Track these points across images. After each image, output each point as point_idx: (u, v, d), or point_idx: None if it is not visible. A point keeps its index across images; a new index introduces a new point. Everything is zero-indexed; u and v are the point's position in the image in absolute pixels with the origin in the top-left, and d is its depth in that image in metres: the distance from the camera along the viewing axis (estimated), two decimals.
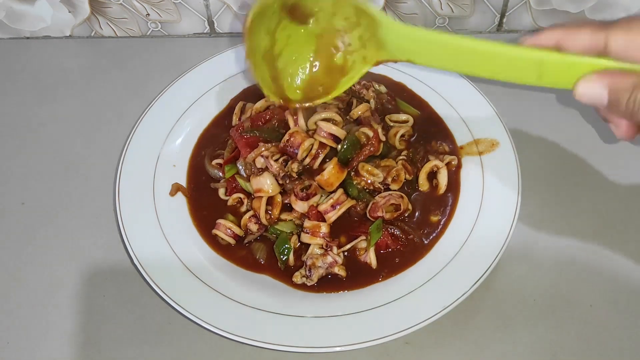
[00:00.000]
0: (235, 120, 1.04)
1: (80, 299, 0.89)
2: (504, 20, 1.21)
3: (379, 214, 0.89)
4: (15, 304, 0.89)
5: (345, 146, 0.89)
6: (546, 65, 0.61)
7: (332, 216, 0.88)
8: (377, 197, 0.90)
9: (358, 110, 0.96)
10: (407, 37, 0.70)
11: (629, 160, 1.01)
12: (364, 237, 0.87)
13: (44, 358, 0.83)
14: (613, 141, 1.04)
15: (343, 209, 0.88)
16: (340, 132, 0.91)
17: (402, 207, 0.90)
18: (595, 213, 0.95)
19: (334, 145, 0.91)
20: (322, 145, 0.90)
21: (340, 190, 0.89)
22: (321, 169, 0.90)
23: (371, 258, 0.86)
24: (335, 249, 0.86)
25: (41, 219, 0.98)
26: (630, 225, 0.93)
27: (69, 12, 1.22)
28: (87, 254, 0.93)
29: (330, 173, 0.87)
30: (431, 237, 0.89)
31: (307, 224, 0.87)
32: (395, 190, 0.91)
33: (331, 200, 0.88)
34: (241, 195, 0.94)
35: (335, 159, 0.88)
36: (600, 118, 0.66)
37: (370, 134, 0.92)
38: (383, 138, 0.95)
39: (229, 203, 0.95)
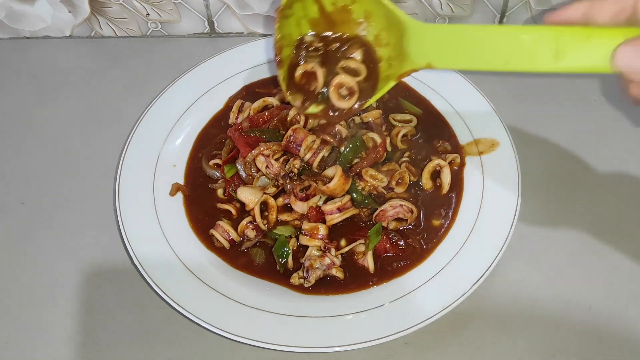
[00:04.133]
0: (232, 118, 1.04)
1: (80, 299, 0.89)
2: (504, 20, 1.21)
3: (384, 223, 0.89)
4: (15, 304, 0.89)
5: (349, 147, 0.89)
6: (564, 39, 0.58)
7: (335, 219, 0.87)
8: (386, 205, 0.89)
9: (370, 116, 0.96)
10: (429, 36, 0.72)
11: (629, 161, 1.01)
12: (362, 241, 0.87)
13: (44, 358, 0.83)
14: (613, 141, 1.04)
15: (346, 215, 0.88)
16: (342, 130, 0.91)
17: (408, 221, 0.90)
18: (595, 213, 0.95)
19: (334, 143, 0.91)
20: (323, 142, 0.90)
21: (348, 196, 0.89)
22: (322, 174, 0.90)
23: (369, 262, 0.86)
24: (333, 251, 0.85)
25: (41, 219, 0.98)
26: (630, 225, 0.93)
27: (69, 12, 1.22)
28: (87, 254, 0.93)
29: (336, 184, 0.87)
30: (432, 241, 0.88)
31: (306, 226, 0.87)
32: (405, 199, 0.90)
33: (338, 203, 0.87)
34: (232, 210, 0.93)
35: (340, 169, 0.88)
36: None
37: (379, 140, 0.92)
38: (389, 148, 0.95)
39: (218, 206, 0.94)
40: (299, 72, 0.86)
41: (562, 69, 0.60)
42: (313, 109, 0.86)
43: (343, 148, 0.90)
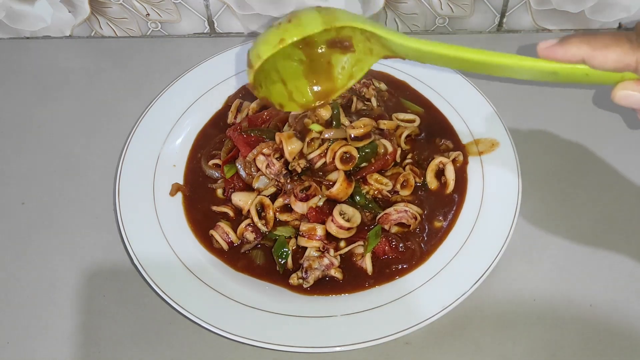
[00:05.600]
0: (230, 118, 1.03)
1: (80, 299, 0.89)
2: (504, 20, 1.21)
3: (386, 227, 0.88)
4: (15, 304, 0.89)
5: (363, 152, 0.89)
6: (560, 75, 0.61)
7: (339, 234, 0.86)
8: (391, 209, 0.89)
9: (386, 125, 0.95)
10: (409, 47, 0.70)
11: (629, 160, 1.01)
12: (361, 242, 0.86)
13: (44, 358, 0.83)
14: (613, 141, 1.04)
15: (348, 235, 0.87)
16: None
17: (411, 227, 0.89)
18: (595, 212, 0.95)
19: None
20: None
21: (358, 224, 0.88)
22: (324, 170, 0.90)
23: (367, 264, 0.85)
24: (332, 252, 0.85)
25: (41, 219, 0.98)
26: (631, 224, 0.93)
27: (69, 12, 1.22)
28: (87, 254, 0.93)
29: (339, 188, 0.87)
30: (432, 243, 0.88)
31: (303, 227, 0.87)
32: (410, 202, 0.90)
33: (353, 230, 0.86)
34: (229, 212, 0.93)
35: (343, 173, 0.88)
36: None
37: (390, 148, 0.91)
38: (399, 159, 0.95)
39: (214, 209, 0.94)
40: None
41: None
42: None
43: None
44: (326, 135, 0.89)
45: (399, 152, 0.95)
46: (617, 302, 0.85)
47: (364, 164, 0.90)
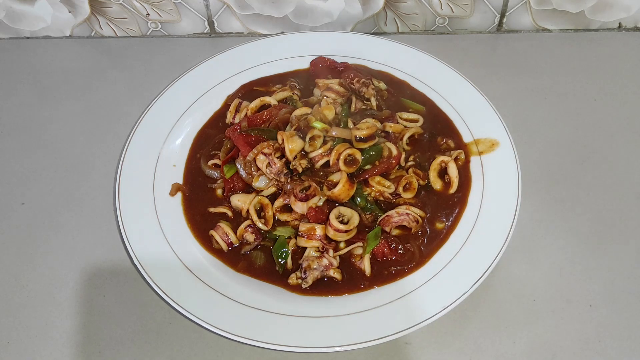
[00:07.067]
0: (229, 117, 1.03)
1: (80, 299, 0.89)
2: (504, 20, 1.21)
3: (387, 229, 0.88)
4: (16, 303, 0.89)
5: (368, 154, 0.89)
6: None
7: (337, 236, 0.86)
8: (392, 211, 0.88)
9: (392, 128, 0.96)
10: None
11: (629, 161, 1.01)
12: (360, 244, 0.86)
13: (44, 358, 0.83)
14: (613, 141, 1.04)
15: (348, 238, 0.87)
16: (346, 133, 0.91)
17: (412, 230, 0.89)
18: (595, 213, 0.95)
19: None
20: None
21: (355, 229, 0.88)
22: (325, 170, 0.90)
23: (365, 265, 0.85)
24: (331, 252, 0.85)
25: (41, 219, 0.98)
26: (630, 225, 0.93)
27: (69, 12, 1.22)
28: (87, 254, 0.93)
29: (341, 190, 0.87)
30: (432, 245, 0.88)
31: (302, 227, 0.87)
32: (413, 205, 0.90)
33: (351, 233, 0.86)
34: (227, 212, 0.93)
35: (345, 175, 0.88)
36: None
37: (395, 152, 0.91)
38: (403, 163, 0.95)
39: (211, 210, 0.94)
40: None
41: None
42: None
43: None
44: (333, 133, 0.89)
45: (403, 155, 0.95)
46: (616, 302, 0.85)
47: (367, 166, 0.90)
